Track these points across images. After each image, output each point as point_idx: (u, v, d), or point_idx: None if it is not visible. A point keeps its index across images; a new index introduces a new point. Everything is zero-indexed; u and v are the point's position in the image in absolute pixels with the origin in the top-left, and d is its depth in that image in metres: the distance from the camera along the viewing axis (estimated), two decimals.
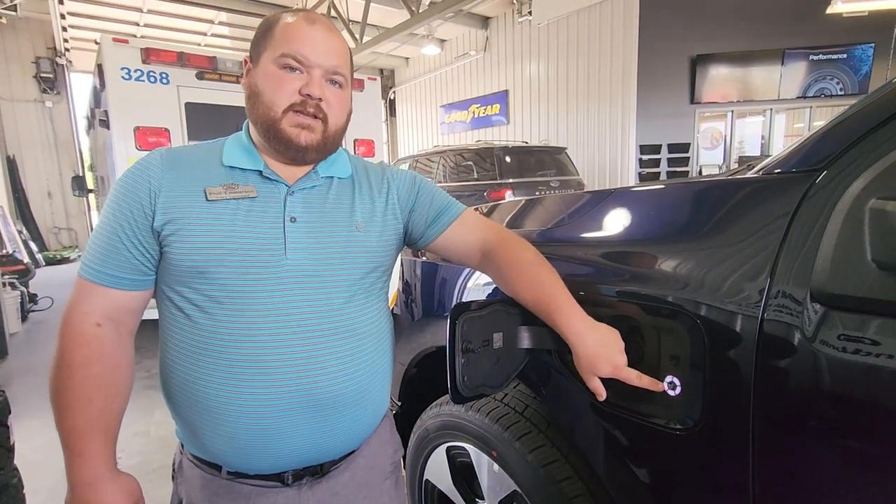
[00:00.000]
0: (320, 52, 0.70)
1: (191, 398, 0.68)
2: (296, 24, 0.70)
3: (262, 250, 0.67)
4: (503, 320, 0.76)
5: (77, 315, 0.66)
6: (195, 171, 0.70)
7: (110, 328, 0.68)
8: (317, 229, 0.71)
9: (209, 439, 0.69)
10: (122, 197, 0.67)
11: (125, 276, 0.68)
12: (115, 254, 0.67)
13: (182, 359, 0.69)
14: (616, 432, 0.75)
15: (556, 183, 5.81)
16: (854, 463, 0.52)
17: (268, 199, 0.71)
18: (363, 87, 4.07)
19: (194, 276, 0.66)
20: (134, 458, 2.16)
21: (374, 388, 0.77)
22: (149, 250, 0.68)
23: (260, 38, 0.72)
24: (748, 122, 7.51)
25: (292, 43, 0.69)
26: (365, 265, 0.75)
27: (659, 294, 0.69)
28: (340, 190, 0.77)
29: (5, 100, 8.40)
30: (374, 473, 0.82)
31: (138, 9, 8.02)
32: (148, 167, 0.69)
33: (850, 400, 0.52)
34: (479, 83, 9.86)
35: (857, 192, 0.53)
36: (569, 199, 1.11)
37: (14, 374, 3.19)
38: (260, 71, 0.70)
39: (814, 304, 0.53)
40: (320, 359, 0.69)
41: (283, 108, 0.69)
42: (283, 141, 0.70)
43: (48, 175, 8.89)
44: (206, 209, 0.67)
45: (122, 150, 3.12)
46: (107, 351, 0.67)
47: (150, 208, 0.66)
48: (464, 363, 0.72)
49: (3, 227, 6.09)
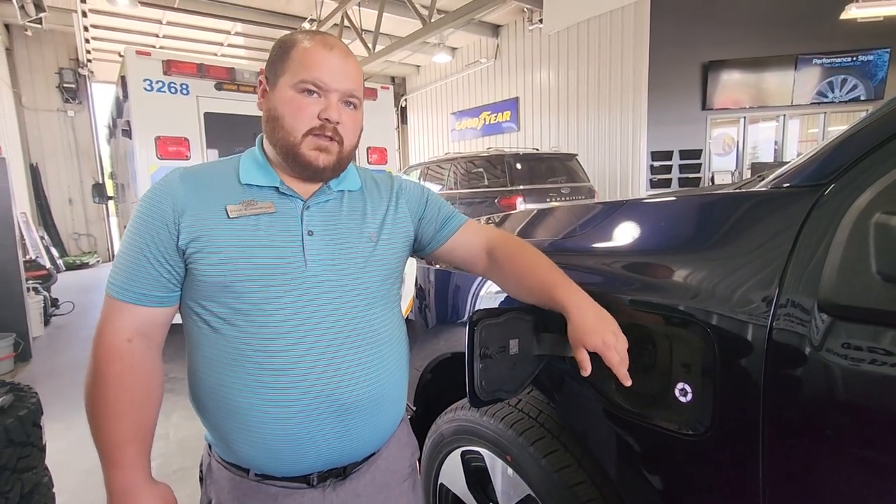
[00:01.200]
0: (338, 77, 0.72)
1: (221, 406, 0.72)
2: (314, 49, 0.72)
3: (283, 264, 0.71)
4: (519, 327, 0.79)
5: (109, 332, 0.69)
6: (215, 190, 0.73)
7: (140, 342, 0.71)
8: (334, 242, 0.75)
9: (238, 444, 0.72)
10: (147, 218, 0.70)
11: (153, 294, 0.71)
12: (142, 272, 0.70)
13: (211, 369, 0.72)
14: (629, 438, 0.77)
15: (567, 190, 5.81)
16: (862, 470, 0.54)
17: (285, 214, 0.74)
18: (376, 97, 4.13)
19: (220, 290, 0.69)
20: (155, 461, 2.21)
21: (393, 391, 0.80)
22: (174, 268, 0.71)
23: (277, 60, 0.74)
24: (761, 127, 7.45)
25: (312, 69, 0.71)
26: (380, 273, 0.79)
27: (670, 303, 0.71)
28: (352, 203, 0.81)
29: (29, 109, 8.65)
30: (394, 475, 0.85)
31: (158, 20, 8.23)
32: (170, 188, 0.72)
33: (857, 408, 0.54)
34: (490, 90, 9.91)
35: (863, 206, 0.55)
36: (580, 209, 1.13)
37: (38, 377, 3.28)
38: (279, 95, 0.73)
39: (821, 314, 0.55)
40: (344, 365, 0.72)
41: (302, 132, 0.72)
42: (303, 164, 0.73)
43: (69, 182, 9.11)
44: (228, 226, 0.70)
45: (144, 158, 3.21)
46: (138, 364, 0.70)
47: (174, 227, 0.69)
48: (481, 368, 0.75)
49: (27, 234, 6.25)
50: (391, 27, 8.20)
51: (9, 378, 3.09)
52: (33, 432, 1.37)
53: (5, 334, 3.36)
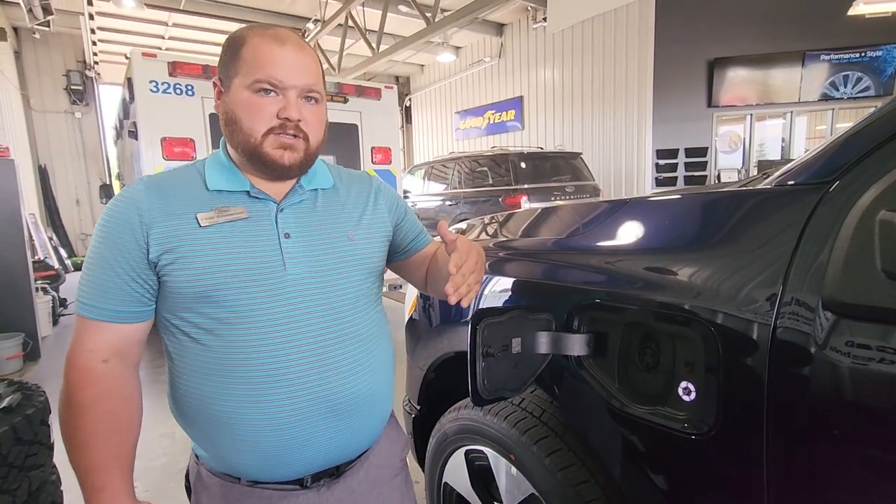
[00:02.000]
0: (294, 72, 0.69)
1: (208, 417, 0.70)
2: (265, 45, 0.68)
3: (262, 268, 0.69)
4: (522, 326, 0.79)
5: (83, 354, 0.66)
6: (182, 199, 0.69)
7: (117, 363, 0.68)
8: (311, 242, 0.73)
9: (229, 454, 0.71)
10: (113, 231, 0.66)
11: (126, 310, 0.68)
12: (113, 288, 0.66)
13: (197, 380, 0.70)
14: (632, 437, 0.77)
15: (572, 188, 5.80)
16: (867, 470, 0.53)
17: (259, 217, 0.72)
18: (380, 96, 4.14)
19: (199, 301, 0.67)
20: (160, 460, 2.23)
21: (382, 388, 0.80)
22: (146, 281, 0.68)
23: (228, 60, 0.70)
24: (768, 124, 7.39)
25: (265, 67, 0.67)
26: (361, 272, 0.78)
27: (674, 302, 0.71)
28: (327, 201, 0.79)
29: (37, 111, 8.74)
30: (386, 471, 0.85)
31: (163, 22, 8.29)
32: (135, 198, 0.68)
33: (862, 407, 0.53)
34: (494, 89, 9.90)
35: (867, 204, 0.55)
36: (583, 208, 1.13)
37: (46, 376, 3.31)
38: (233, 97, 0.69)
39: (826, 312, 0.55)
40: (333, 364, 0.72)
41: (262, 132, 0.69)
42: (267, 163, 0.71)
43: (77, 183, 9.20)
44: (200, 235, 0.67)
45: (150, 159, 3.24)
46: (116, 386, 0.68)
47: (143, 240, 0.66)
48: (484, 367, 0.75)
49: (35, 234, 6.32)
50: (395, 27, 8.21)
51: (17, 377, 3.13)
52: (41, 430, 1.39)
53: (14, 334, 3.40)
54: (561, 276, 0.92)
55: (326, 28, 7.71)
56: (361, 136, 4.09)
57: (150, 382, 3.16)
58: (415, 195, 7.04)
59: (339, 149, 3.97)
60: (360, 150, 4.09)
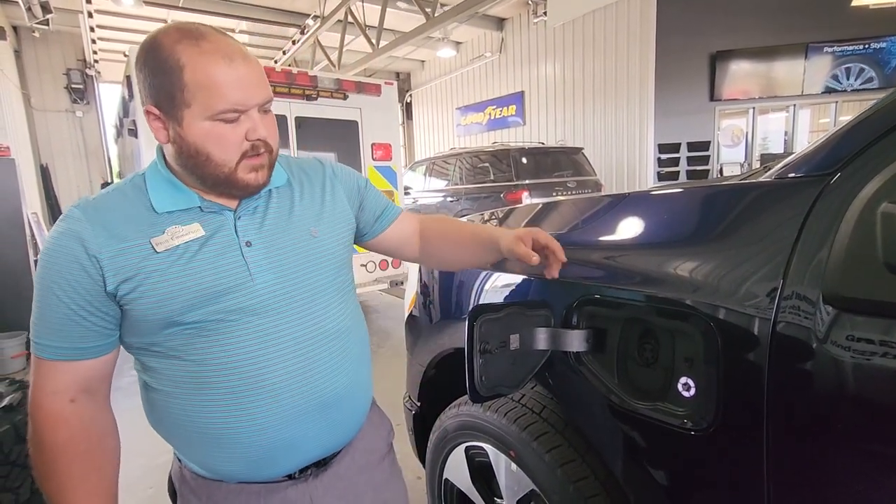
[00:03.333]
0: (252, 91, 0.64)
1: (194, 429, 0.68)
2: (213, 66, 0.61)
3: (228, 282, 0.66)
4: (520, 322, 0.79)
5: (47, 397, 0.63)
6: (128, 223, 0.64)
7: (86, 401, 0.65)
8: (274, 246, 0.71)
9: (217, 461, 0.70)
10: (60, 267, 0.61)
11: (88, 346, 0.64)
12: (71, 325, 0.62)
13: (176, 396, 0.67)
14: (632, 433, 0.76)
15: (574, 184, 5.78)
16: (867, 465, 0.53)
17: (217, 231, 0.68)
18: (380, 93, 4.12)
19: (167, 326, 0.64)
20: (164, 456, 2.23)
21: (363, 377, 0.81)
22: (108, 313, 0.64)
23: (167, 87, 0.62)
24: (771, 118, 7.35)
25: (226, 94, 0.62)
26: (329, 267, 0.76)
27: (673, 297, 0.70)
28: (281, 200, 0.75)
29: (38, 110, 8.75)
30: (373, 455, 0.86)
31: (163, 20, 8.27)
32: (74, 230, 0.62)
33: (861, 401, 0.53)
34: (495, 85, 9.86)
35: (869, 196, 0.54)
36: (584, 203, 1.12)
37: None
38: (191, 131, 0.63)
39: (826, 306, 0.54)
40: (315, 363, 0.71)
41: (236, 161, 0.66)
42: (241, 188, 0.68)
43: (79, 182, 9.22)
44: (158, 261, 0.63)
45: (150, 158, 3.23)
46: (88, 425, 0.65)
47: (96, 273, 0.62)
48: (482, 364, 0.75)
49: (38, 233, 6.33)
50: (395, 22, 8.17)
51: (21, 376, 3.14)
52: None
53: (17, 332, 3.42)
54: (560, 272, 0.91)
55: (326, 24, 7.68)
56: (362, 133, 4.07)
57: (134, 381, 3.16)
58: (416, 191, 7.04)
59: (339, 146, 3.96)
60: (361, 147, 4.07)
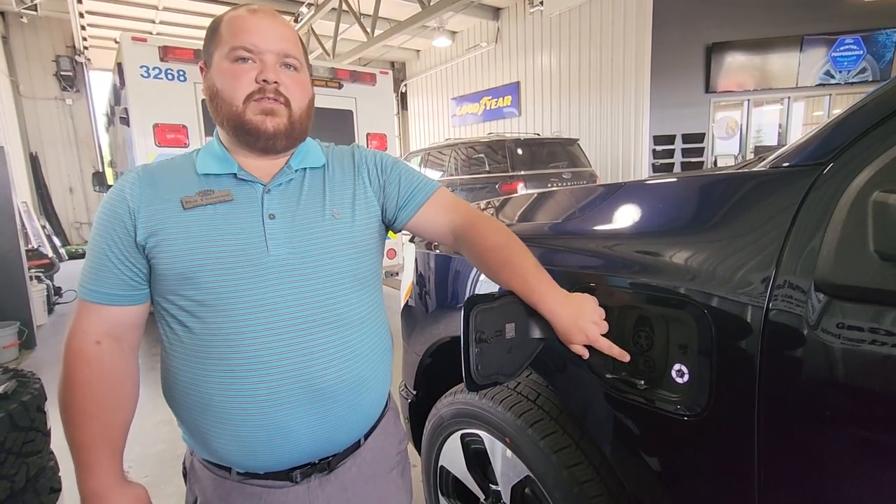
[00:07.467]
0: (268, 38, 0.71)
1: (195, 401, 0.70)
2: (240, 16, 0.72)
3: (244, 250, 0.69)
4: (515, 311, 0.79)
5: (77, 335, 0.69)
6: (171, 184, 0.72)
7: (110, 345, 0.70)
8: (294, 222, 0.72)
9: (216, 441, 0.71)
10: (106, 219, 0.70)
11: (119, 293, 0.70)
12: (105, 272, 0.69)
13: (183, 365, 0.71)
14: (626, 419, 0.77)
15: (569, 175, 5.78)
16: (857, 450, 0.54)
17: (245, 200, 0.72)
18: (375, 82, 4.09)
19: (182, 282, 0.68)
20: (158, 446, 2.24)
21: (370, 377, 0.78)
22: (136, 265, 0.70)
23: (209, 41, 0.74)
24: (765, 110, 7.37)
25: (239, 35, 0.70)
26: (349, 252, 0.75)
27: (668, 285, 0.71)
28: (313, 181, 0.78)
29: (27, 98, 8.61)
30: (380, 465, 0.84)
31: (154, 6, 8.12)
32: (124, 187, 0.71)
33: (852, 388, 0.54)
34: (491, 75, 9.80)
35: (861, 185, 0.55)
36: (580, 192, 1.12)
37: (42, 364, 3.32)
38: (214, 71, 0.73)
39: (818, 293, 0.55)
40: (313, 349, 0.70)
41: (242, 99, 0.70)
42: (251, 132, 0.71)
43: (69, 171, 9.11)
44: (183, 217, 0.69)
45: (143, 146, 3.20)
46: (107, 368, 0.69)
47: (131, 225, 0.69)
48: (477, 352, 0.75)
49: (28, 223, 6.27)
50: (390, 11, 8.08)
51: (14, 365, 3.13)
52: (38, 417, 1.39)
53: (9, 322, 3.40)
54: (556, 260, 0.92)
55: (320, 12, 7.59)
56: (356, 123, 4.04)
57: (148, 370, 3.16)
58: None
59: (334, 135, 3.93)
60: (356, 137, 4.05)
